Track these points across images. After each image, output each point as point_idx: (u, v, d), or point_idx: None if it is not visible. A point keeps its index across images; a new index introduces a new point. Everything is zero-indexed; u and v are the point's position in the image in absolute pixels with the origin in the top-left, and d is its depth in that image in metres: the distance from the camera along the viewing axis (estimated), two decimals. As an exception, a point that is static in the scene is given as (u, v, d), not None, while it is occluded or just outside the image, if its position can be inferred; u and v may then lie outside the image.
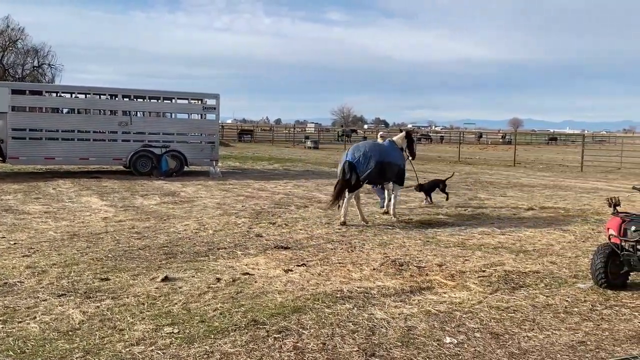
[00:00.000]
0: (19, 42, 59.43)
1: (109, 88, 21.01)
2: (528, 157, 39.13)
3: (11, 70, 59.11)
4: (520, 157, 35.01)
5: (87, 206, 12.67)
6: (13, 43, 59.11)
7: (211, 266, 7.74)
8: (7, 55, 59.48)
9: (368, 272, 7.58)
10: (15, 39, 59.13)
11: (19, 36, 59.31)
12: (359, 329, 5.50)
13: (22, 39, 59.56)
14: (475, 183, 20.22)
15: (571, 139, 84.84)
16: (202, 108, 21.32)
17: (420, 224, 11.34)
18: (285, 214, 12.20)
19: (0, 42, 58.30)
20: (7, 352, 4.77)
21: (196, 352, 4.87)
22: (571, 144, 74.52)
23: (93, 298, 6.22)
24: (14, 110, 18.53)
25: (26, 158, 18.78)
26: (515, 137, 46.93)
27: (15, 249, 8.43)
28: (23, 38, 59.55)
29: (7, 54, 59.57)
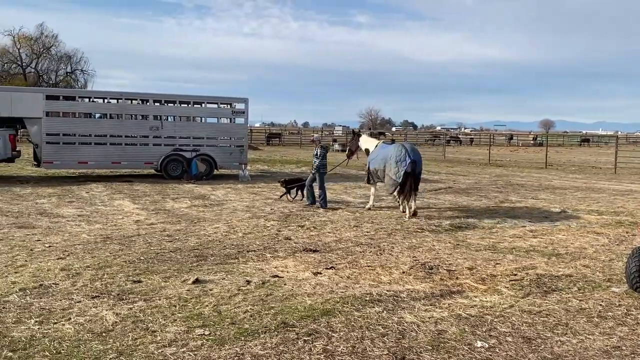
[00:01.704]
0: (52, 48, 60.95)
1: (141, 93, 21.39)
2: (560, 159, 38.51)
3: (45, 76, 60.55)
4: (551, 159, 34.48)
5: (120, 209, 12.89)
6: (47, 49, 60.56)
7: (241, 269, 7.80)
8: (41, 61, 60.99)
9: (397, 276, 7.56)
10: (49, 46, 60.60)
11: (53, 43, 60.82)
12: (389, 332, 5.49)
13: (56, 46, 61.09)
14: (506, 185, 19.98)
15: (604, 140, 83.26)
16: (231, 112, 21.52)
17: (450, 227, 11.25)
18: (314, 217, 12.23)
19: (35, 48, 59.72)
20: (43, 352, 4.89)
21: (227, 353, 4.91)
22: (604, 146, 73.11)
23: (126, 300, 6.33)
24: (48, 116, 18.94)
25: (60, 162, 19.16)
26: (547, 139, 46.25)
27: (50, 251, 8.62)
28: (56, 45, 61.08)
29: (41, 60, 61.08)
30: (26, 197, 14.48)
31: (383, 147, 13.62)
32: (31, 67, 60.39)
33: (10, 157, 18.96)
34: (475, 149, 57.25)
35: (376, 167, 13.18)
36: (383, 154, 13.07)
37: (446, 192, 17.61)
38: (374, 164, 13.36)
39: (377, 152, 13.47)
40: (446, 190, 18.12)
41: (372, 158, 13.60)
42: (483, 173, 25.62)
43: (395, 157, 12.33)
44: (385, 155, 12.90)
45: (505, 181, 21.70)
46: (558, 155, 43.86)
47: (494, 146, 50.39)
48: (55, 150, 18.87)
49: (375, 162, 13.31)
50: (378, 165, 13.08)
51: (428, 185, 19.52)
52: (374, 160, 13.44)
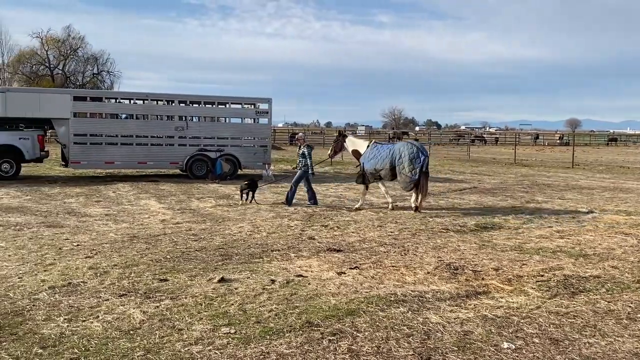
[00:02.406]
0: (79, 50, 61.87)
1: (166, 94, 21.63)
2: (587, 159, 37.91)
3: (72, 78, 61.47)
4: (578, 159, 33.97)
5: (146, 209, 13.04)
6: (74, 51, 61.51)
7: (265, 268, 7.84)
8: (68, 63, 61.95)
9: (422, 276, 7.52)
10: (76, 47, 61.53)
11: (79, 44, 61.73)
12: (414, 332, 5.47)
13: (82, 47, 62.00)
14: (532, 185, 19.75)
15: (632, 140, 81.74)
16: (255, 112, 21.65)
17: (475, 228, 11.16)
18: (337, 217, 12.23)
19: (62, 50, 60.71)
20: (72, 349, 4.97)
21: (252, 352, 4.95)
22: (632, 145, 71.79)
23: (153, 298, 6.40)
24: (76, 117, 19.25)
25: (87, 162, 19.47)
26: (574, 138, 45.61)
27: (78, 250, 8.76)
28: (83, 46, 61.99)
29: (69, 62, 62.04)
30: (54, 197, 14.73)
31: (380, 147, 13.79)
32: (59, 69, 61.39)
33: (39, 157, 19.34)
34: (501, 148, 56.67)
35: (376, 167, 13.28)
36: (384, 153, 13.25)
37: (471, 192, 17.48)
38: (372, 164, 13.38)
39: (374, 152, 13.52)
40: (471, 190, 17.98)
41: (368, 158, 13.56)
42: (508, 173, 25.35)
43: (409, 155, 12.72)
44: (389, 154, 13.11)
45: (531, 181, 21.46)
46: (585, 155, 43.18)
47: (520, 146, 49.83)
48: (83, 151, 19.17)
49: (374, 162, 13.35)
50: (380, 164, 13.20)
51: (453, 185, 19.39)
52: (371, 160, 13.45)
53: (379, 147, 13.72)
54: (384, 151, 13.37)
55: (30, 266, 7.73)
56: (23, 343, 5.08)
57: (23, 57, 58.73)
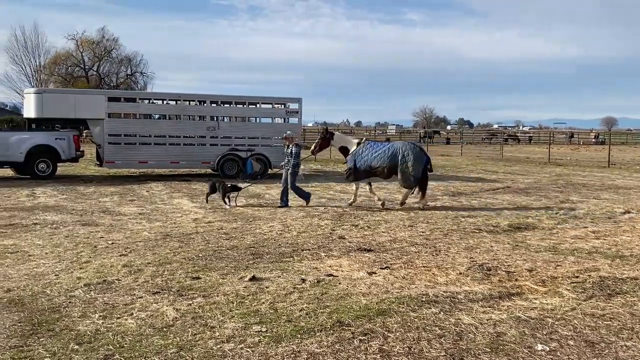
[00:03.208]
0: (113, 51, 63.02)
1: (198, 94, 21.89)
2: (623, 158, 37.03)
3: (106, 79, 62.64)
4: (614, 158, 33.21)
5: (179, 208, 13.20)
6: (108, 53, 62.67)
7: (296, 267, 7.87)
8: (102, 64, 63.14)
9: (454, 277, 7.45)
10: (110, 49, 62.69)
11: (113, 46, 62.90)
12: (446, 333, 5.42)
13: (116, 49, 63.15)
14: (567, 185, 19.39)
15: (672, 138, 79.55)
16: (285, 112, 21.73)
17: (508, 228, 11.01)
18: (368, 216, 12.20)
19: (97, 52, 61.89)
20: (107, 346, 5.06)
21: (284, 351, 4.97)
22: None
23: (185, 296, 6.48)
24: (110, 117, 19.61)
25: (121, 162, 19.80)
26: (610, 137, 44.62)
27: (113, 248, 8.92)
28: (117, 48, 63.13)
29: (103, 63, 63.22)
30: (90, 196, 15.02)
31: (375, 145, 13.89)
32: (93, 70, 62.61)
33: (74, 157, 19.77)
34: (534, 147, 55.78)
35: (372, 165, 13.33)
36: (382, 152, 13.36)
37: (504, 191, 17.24)
38: (366, 161, 13.38)
39: (368, 150, 13.54)
40: (504, 189, 17.74)
41: (361, 156, 13.50)
42: (542, 172, 24.93)
43: (414, 155, 13.13)
44: (388, 153, 13.27)
45: (566, 180, 21.07)
46: (621, 154, 42.19)
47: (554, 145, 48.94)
48: (117, 151, 19.50)
49: (369, 160, 13.38)
50: (377, 162, 13.29)
51: (485, 184, 19.17)
52: (365, 158, 13.43)
53: (374, 146, 13.86)
54: (381, 150, 13.51)
55: (67, 264, 7.90)
56: (60, 339, 5.19)
57: (59, 59, 60.06)
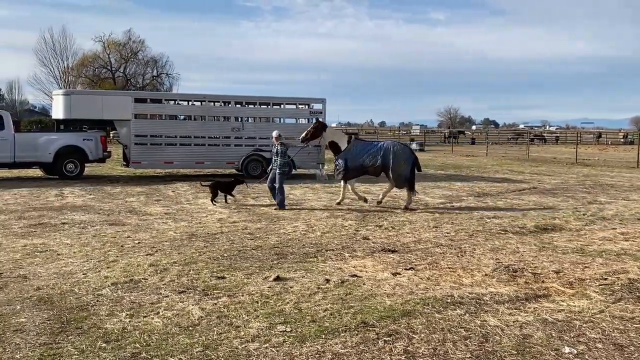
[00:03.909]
0: (139, 53, 63.84)
1: (223, 95, 22.02)
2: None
3: (133, 80, 63.44)
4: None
5: (203, 208, 13.31)
6: (134, 54, 63.50)
7: (320, 267, 7.88)
8: (129, 65, 63.99)
9: (480, 278, 7.39)
10: (136, 51, 63.53)
11: (140, 48, 63.72)
12: (472, 335, 5.38)
13: (143, 50, 63.98)
14: (595, 186, 19.08)
15: None
16: (309, 112, 21.74)
17: (535, 229, 10.88)
18: (392, 217, 12.16)
19: (123, 53, 62.73)
20: (134, 344, 5.12)
21: (308, 351, 4.98)
22: None
23: (210, 295, 6.54)
24: (137, 118, 19.84)
25: (147, 162, 20.03)
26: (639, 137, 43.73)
27: (139, 247, 9.03)
28: (143, 49, 63.95)
29: (129, 65, 64.08)
30: (116, 196, 15.22)
31: (365, 144, 14.01)
32: (120, 72, 63.48)
33: (101, 157, 20.06)
34: (561, 147, 55.03)
35: (364, 163, 13.44)
36: (374, 150, 13.48)
37: (530, 192, 17.04)
38: (358, 160, 13.44)
39: (359, 149, 13.59)
40: (530, 190, 17.53)
41: (352, 155, 13.52)
42: (570, 173, 24.57)
43: (405, 155, 13.52)
44: (380, 152, 13.39)
45: (594, 181, 20.74)
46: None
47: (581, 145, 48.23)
48: (143, 151, 19.73)
49: (361, 158, 13.45)
50: (369, 161, 13.40)
51: (511, 185, 18.97)
52: (357, 156, 13.47)
53: (364, 145, 13.99)
54: (372, 148, 13.60)
55: (94, 263, 8.02)
56: (88, 337, 5.27)
57: (86, 61, 61.03)
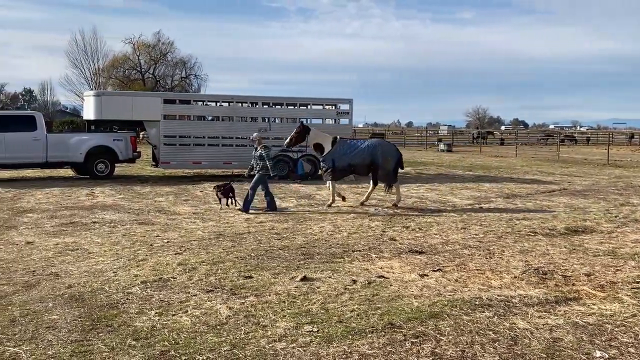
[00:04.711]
0: (168, 54, 64.55)
1: (250, 96, 22.16)
2: (689, 159, 35.43)
3: (162, 81, 64.19)
4: (679, 159, 31.81)
5: (231, 208, 13.39)
6: (163, 56, 64.25)
7: (347, 268, 7.87)
8: (158, 67, 64.75)
9: (508, 280, 7.30)
10: (165, 52, 64.28)
11: (169, 49, 64.46)
12: (500, 338, 5.32)
13: (172, 52, 64.70)
14: (627, 187, 18.69)
15: None
16: (336, 113, 21.76)
17: (565, 231, 10.71)
18: (419, 218, 12.08)
19: (153, 55, 63.54)
20: (162, 342, 5.19)
21: (335, 351, 4.98)
22: None
23: (238, 295, 6.58)
24: (166, 119, 20.08)
25: (176, 163, 20.25)
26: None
27: (168, 247, 9.14)
28: (172, 51, 64.67)
29: (158, 66, 64.85)
30: (146, 196, 15.42)
31: (351, 143, 14.01)
32: (149, 73, 64.30)
33: (131, 157, 20.35)
34: (592, 148, 54.03)
35: (351, 163, 13.46)
36: (361, 150, 13.54)
37: (561, 193, 16.78)
38: (345, 160, 13.41)
39: (345, 149, 13.56)
40: (560, 191, 17.26)
41: (339, 155, 13.46)
42: (601, 174, 24.12)
43: (393, 153, 13.76)
44: (368, 151, 13.47)
45: (626, 183, 20.31)
46: (687, 155, 40.39)
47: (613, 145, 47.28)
48: (172, 151, 19.95)
49: (348, 158, 13.42)
50: (356, 160, 13.44)
51: (541, 186, 18.70)
52: (344, 156, 13.43)
53: (351, 144, 13.98)
54: (359, 148, 13.63)
55: (124, 261, 8.14)
56: (118, 334, 5.36)
57: (116, 62, 61.99)
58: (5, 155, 18.09)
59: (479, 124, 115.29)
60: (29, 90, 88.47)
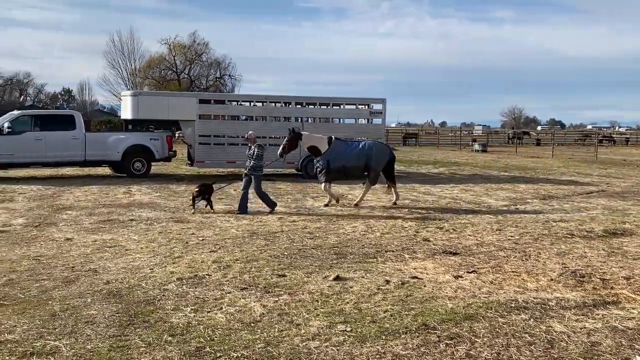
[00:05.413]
0: (203, 55, 65.21)
1: (283, 96, 22.25)
2: None
3: (197, 82, 64.91)
4: None
5: (264, 206, 13.48)
6: (198, 56, 64.94)
7: (380, 268, 7.85)
8: (193, 67, 65.50)
9: (545, 283, 7.19)
10: (200, 53, 64.94)
11: (204, 50, 65.09)
12: (536, 341, 5.24)
13: (206, 53, 65.32)
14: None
15: None
16: (369, 113, 21.71)
17: (603, 234, 10.48)
18: (453, 219, 11.97)
19: (188, 55, 64.32)
20: (198, 338, 5.26)
21: (369, 351, 4.98)
22: None
23: (272, 293, 6.63)
24: (201, 118, 20.31)
25: (211, 162, 20.47)
26: None
27: (203, 244, 9.26)
28: (207, 52, 65.29)
29: (194, 67, 65.59)
30: (181, 194, 15.63)
31: (346, 144, 13.79)
32: (184, 73, 65.08)
33: (167, 156, 20.63)
34: (632, 149, 52.72)
35: (346, 165, 13.29)
36: (356, 151, 13.39)
37: (599, 195, 16.43)
38: (340, 161, 13.26)
39: (340, 150, 13.41)
40: (599, 193, 16.91)
41: (334, 156, 13.30)
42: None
43: (387, 156, 13.73)
44: (362, 152, 13.35)
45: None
46: None
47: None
48: (207, 151, 20.17)
49: (343, 159, 13.28)
50: (352, 162, 13.30)
51: (578, 187, 18.35)
52: (339, 158, 13.28)
53: (346, 145, 13.79)
54: (354, 149, 13.47)
55: (160, 258, 8.28)
56: (154, 330, 5.45)
57: (153, 63, 62.92)
58: (46, 154, 18.55)
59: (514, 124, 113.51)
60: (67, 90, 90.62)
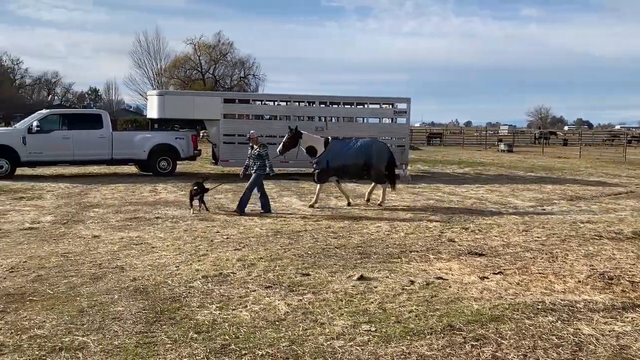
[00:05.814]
0: (228, 55, 65.61)
1: (307, 95, 22.25)
2: None
3: (221, 81, 65.35)
4: None
5: (288, 205, 13.54)
6: (223, 56, 65.37)
7: (404, 268, 7.82)
8: (218, 67, 65.95)
9: (572, 285, 7.09)
10: (225, 53, 65.35)
11: (228, 50, 65.49)
12: (564, 343, 5.17)
13: (231, 52, 65.72)
14: (700, 191, 17.79)
15: None
16: (393, 112, 21.61)
17: (632, 235, 10.29)
18: (479, 220, 11.86)
19: (213, 55, 64.78)
20: (223, 336, 5.30)
21: (393, 351, 4.96)
22: None
23: (296, 291, 6.65)
24: (225, 118, 20.44)
25: (235, 161, 20.53)
26: None
27: (228, 243, 9.31)
28: (232, 51, 65.68)
29: (218, 67, 66.05)
30: (206, 193, 15.71)
31: (343, 144, 13.76)
32: (209, 73, 65.56)
33: (192, 155, 20.82)
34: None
35: (345, 164, 13.19)
36: (354, 150, 13.31)
37: (627, 196, 16.14)
38: (339, 161, 13.16)
39: (338, 150, 13.32)
40: (627, 194, 16.61)
41: (332, 156, 13.20)
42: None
43: (386, 154, 13.66)
44: (361, 151, 13.26)
45: (699, 186, 19.33)
46: None
47: (685, 147, 45.01)
48: (231, 150, 20.28)
49: (341, 159, 13.18)
50: (350, 161, 13.19)
51: (606, 188, 18.04)
52: (337, 157, 13.18)
53: (343, 144, 13.76)
54: (352, 149, 13.40)
55: (186, 256, 8.35)
56: (180, 327, 5.50)
57: (178, 63, 63.50)
58: (73, 152, 18.84)
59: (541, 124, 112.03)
60: (94, 90, 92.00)
